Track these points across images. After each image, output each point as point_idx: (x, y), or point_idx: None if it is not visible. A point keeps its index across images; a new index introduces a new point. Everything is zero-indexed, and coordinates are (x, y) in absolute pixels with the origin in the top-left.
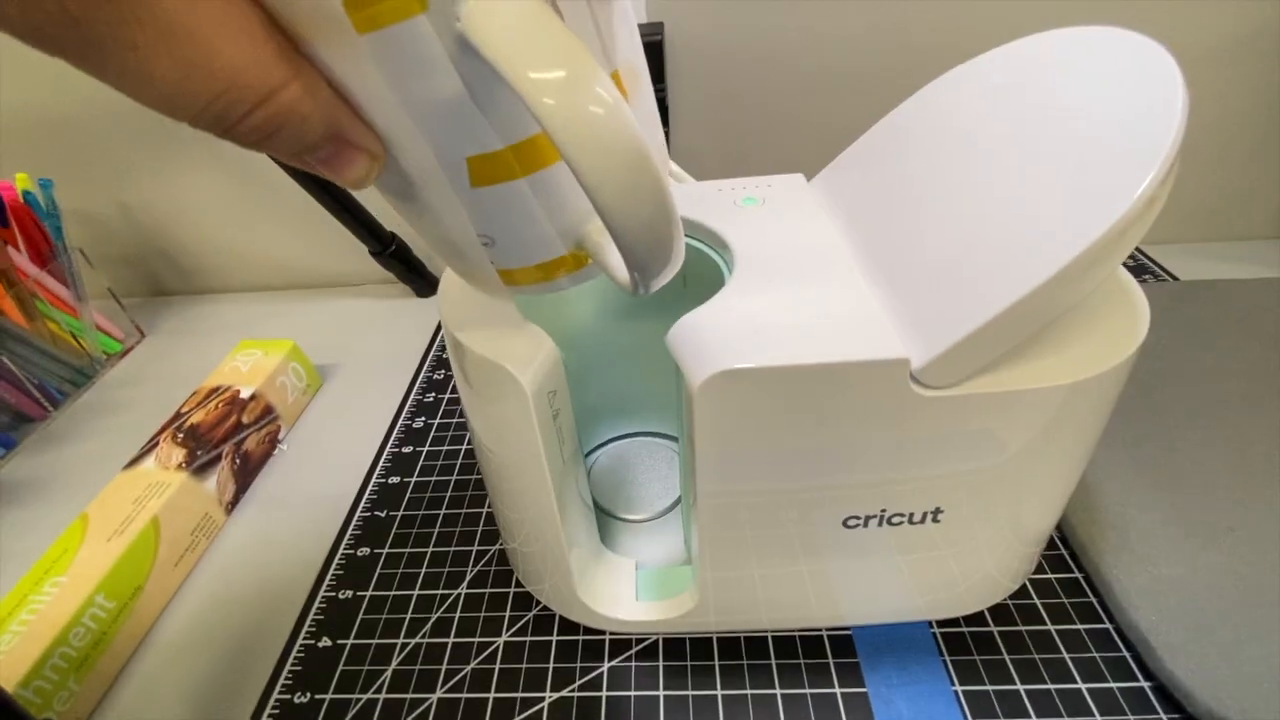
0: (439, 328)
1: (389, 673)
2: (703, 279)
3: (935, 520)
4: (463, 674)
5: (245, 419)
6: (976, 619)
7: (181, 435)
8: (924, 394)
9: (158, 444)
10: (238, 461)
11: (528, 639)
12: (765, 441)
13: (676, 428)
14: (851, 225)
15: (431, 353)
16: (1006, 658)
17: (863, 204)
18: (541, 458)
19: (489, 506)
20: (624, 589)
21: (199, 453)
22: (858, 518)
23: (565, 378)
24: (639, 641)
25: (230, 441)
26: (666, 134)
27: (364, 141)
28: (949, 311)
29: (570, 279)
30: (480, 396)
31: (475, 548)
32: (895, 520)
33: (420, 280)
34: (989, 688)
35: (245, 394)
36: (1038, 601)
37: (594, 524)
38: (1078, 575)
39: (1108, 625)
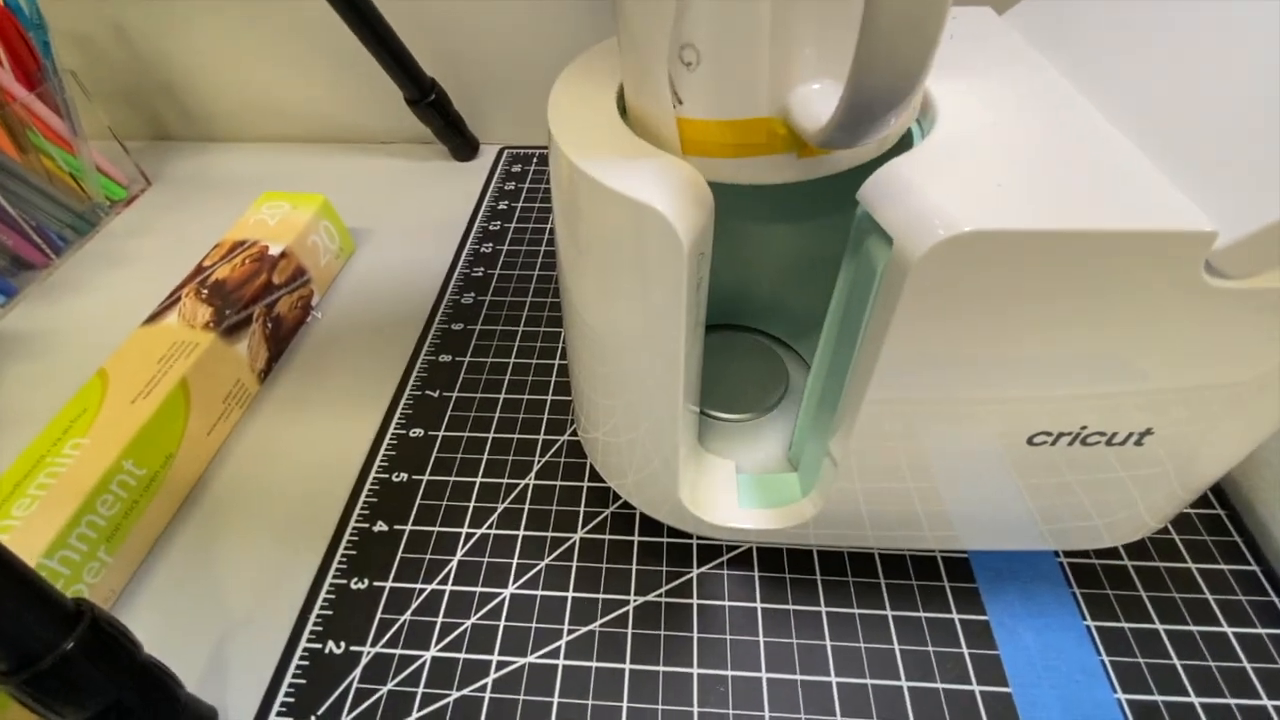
0: (483, 195)
1: (454, 563)
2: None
3: (1139, 444)
4: (537, 570)
5: (276, 279)
6: (1109, 551)
7: (206, 291)
8: (1212, 283)
9: (180, 299)
10: (269, 326)
11: (606, 537)
12: (981, 334)
13: (786, 321)
14: (1079, 67)
15: (477, 223)
16: (1143, 594)
17: (1087, 41)
18: (680, 336)
19: (554, 393)
20: (725, 493)
21: (227, 312)
22: (1049, 434)
23: (713, 235)
24: (730, 549)
25: (261, 303)
26: None
27: None
28: (1271, 173)
29: (755, 166)
30: (607, 251)
31: (541, 436)
32: (1091, 440)
33: (459, 139)
34: (1125, 625)
35: (275, 251)
36: (1176, 537)
37: (695, 420)
38: (1220, 512)
39: (1254, 567)
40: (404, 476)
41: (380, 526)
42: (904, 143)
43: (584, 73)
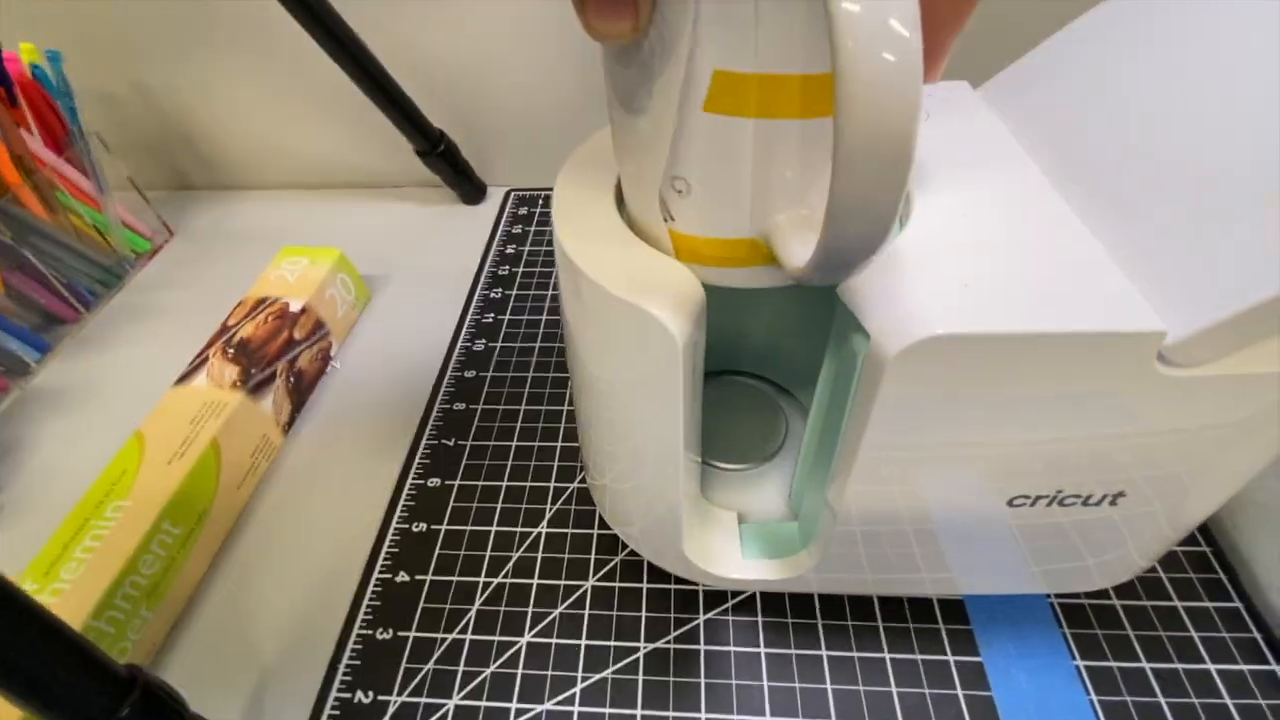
0: (492, 239)
1: (473, 612)
2: None
3: (1113, 504)
4: (551, 618)
5: (297, 334)
6: (1098, 591)
7: (232, 351)
8: (1166, 373)
9: (208, 359)
10: (291, 380)
11: (616, 584)
12: (955, 418)
13: (783, 367)
14: (1046, 149)
15: (486, 268)
16: (1131, 633)
17: (1058, 124)
18: (679, 414)
19: (564, 440)
20: (728, 544)
21: (253, 370)
22: (1026, 498)
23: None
24: (735, 594)
25: (284, 359)
26: None
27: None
28: (1223, 269)
29: (741, 274)
30: (607, 340)
31: (553, 484)
32: (1068, 502)
33: (468, 185)
34: (1113, 664)
35: (295, 307)
36: (1163, 575)
37: (698, 473)
38: (1205, 549)
39: (1237, 604)
40: (423, 526)
41: (402, 577)
42: None
43: (584, 166)
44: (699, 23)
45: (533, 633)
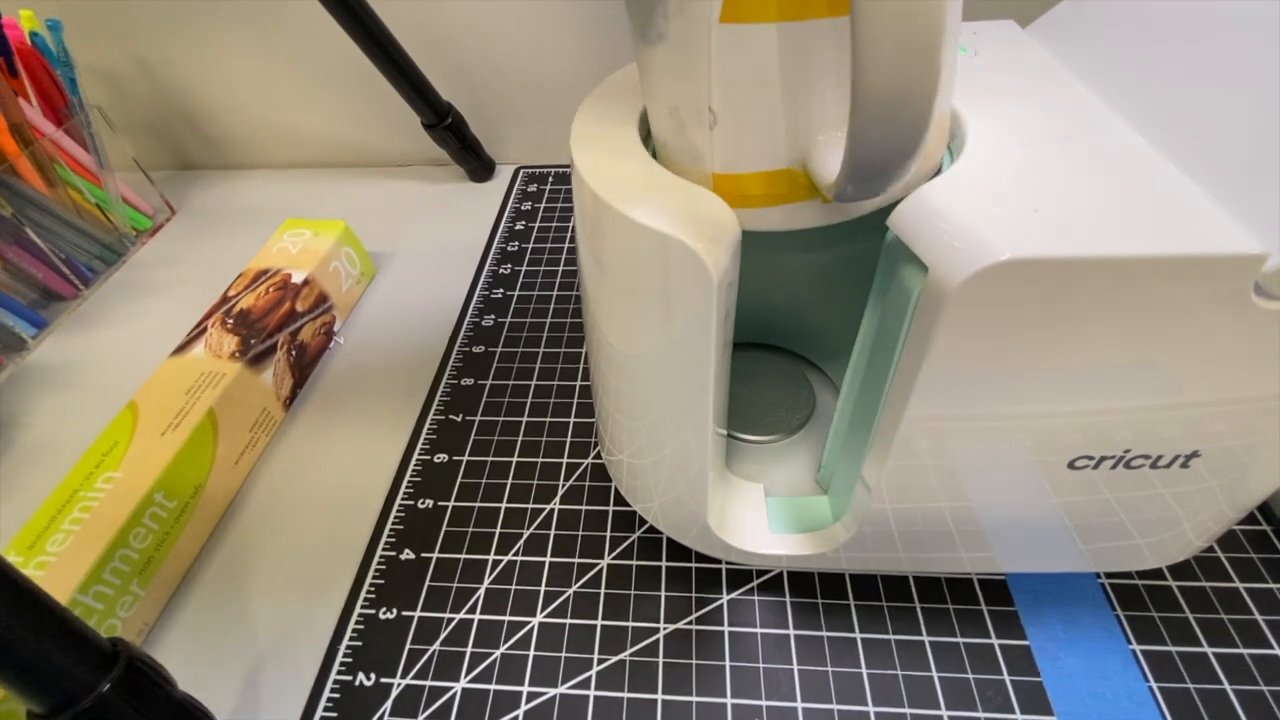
0: (501, 215)
1: (482, 591)
2: None
3: (1185, 466)
4: (565, 597)
5: (299, 306)
6: (1152, 571)
7: (232, 321)
8: (1262, 305)
9: (206, 329)
10: (293, 353)
11: (634, 563)
12: (1021, 358)
13: (810, 339)
14: (1108, 80)
15: (495, 244)
16: (1190, 616)
17: (1116, 53)
18: (710, 366)
19: (577, 415)
20: (755, 518)
21: (252, 341)
22: (1090, 458)
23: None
24: (760, 574)
25: (285, 330)
26: None
27: None
28: None
29: (780, 213)
30: (633, 282)
31: (565, 460)
32: (1135, 463)
33: (475, 161)
34: (1172, 649)
35: (297, 279)
36: (1221, 555)
37: (724, 443)
38: (1266, 528)
39: None
40: (429, 503)
41: (407, 554)
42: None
43: (604, 102)
44: None
45: (545, 613)
